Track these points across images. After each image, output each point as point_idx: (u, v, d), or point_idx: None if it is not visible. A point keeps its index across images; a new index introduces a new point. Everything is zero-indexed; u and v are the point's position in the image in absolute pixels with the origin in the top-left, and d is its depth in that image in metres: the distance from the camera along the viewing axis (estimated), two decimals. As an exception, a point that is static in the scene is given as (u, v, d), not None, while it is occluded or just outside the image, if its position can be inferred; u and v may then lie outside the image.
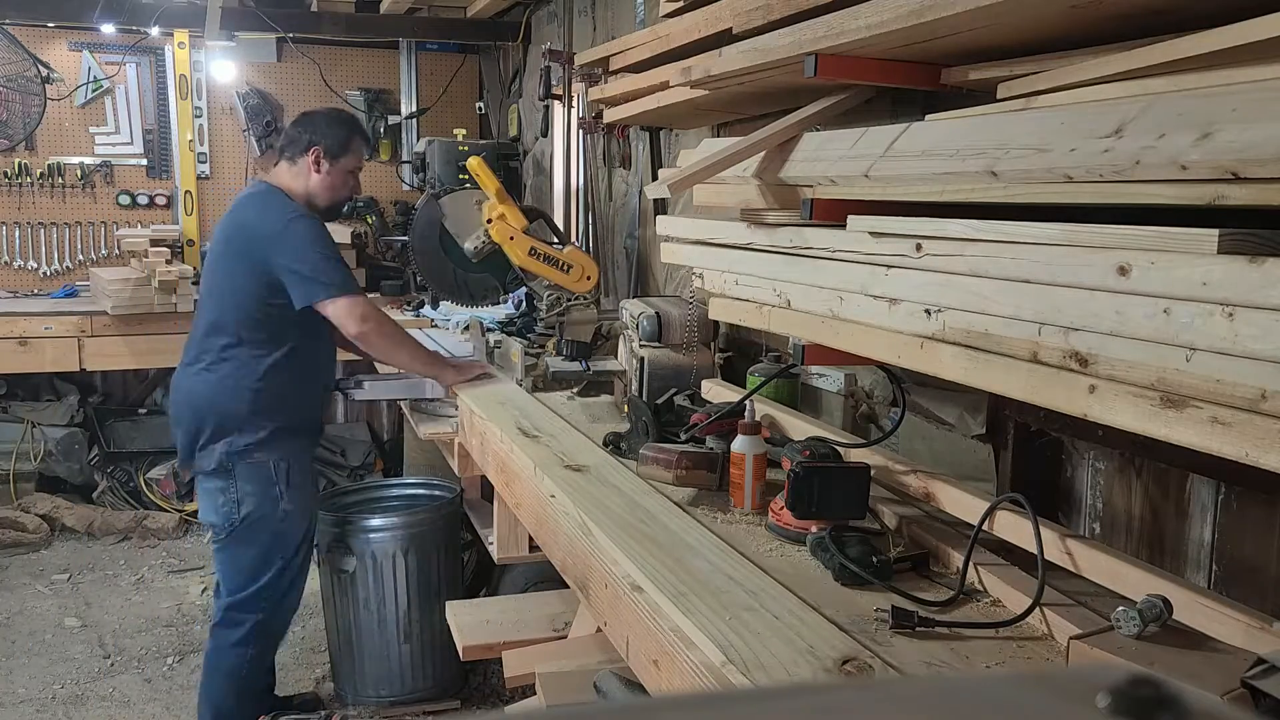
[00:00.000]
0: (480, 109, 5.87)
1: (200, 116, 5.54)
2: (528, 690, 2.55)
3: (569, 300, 3.05)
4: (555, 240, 3.14)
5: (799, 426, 2.21)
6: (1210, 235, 1.01)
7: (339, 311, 2.81)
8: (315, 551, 3.26)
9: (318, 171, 2.93)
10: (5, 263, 5.36)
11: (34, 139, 5.32)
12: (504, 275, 3.30)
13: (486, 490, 3.33)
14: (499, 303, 3.66)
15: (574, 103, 3.98)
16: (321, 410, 3.12)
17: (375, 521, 3.39)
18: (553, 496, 2.03)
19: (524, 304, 3.97)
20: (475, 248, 3.12)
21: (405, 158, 5.49)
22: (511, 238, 2.98)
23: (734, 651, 1.31)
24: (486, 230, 3.04)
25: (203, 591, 4.40)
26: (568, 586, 1.95)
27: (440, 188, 3.70)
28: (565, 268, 3.01)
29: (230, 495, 2.87)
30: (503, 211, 2.99)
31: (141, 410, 5.57)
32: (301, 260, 2.79)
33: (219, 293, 2.91)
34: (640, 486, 2.02)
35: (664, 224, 2.30)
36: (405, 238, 3.46)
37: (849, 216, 1.57)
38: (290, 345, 2.88)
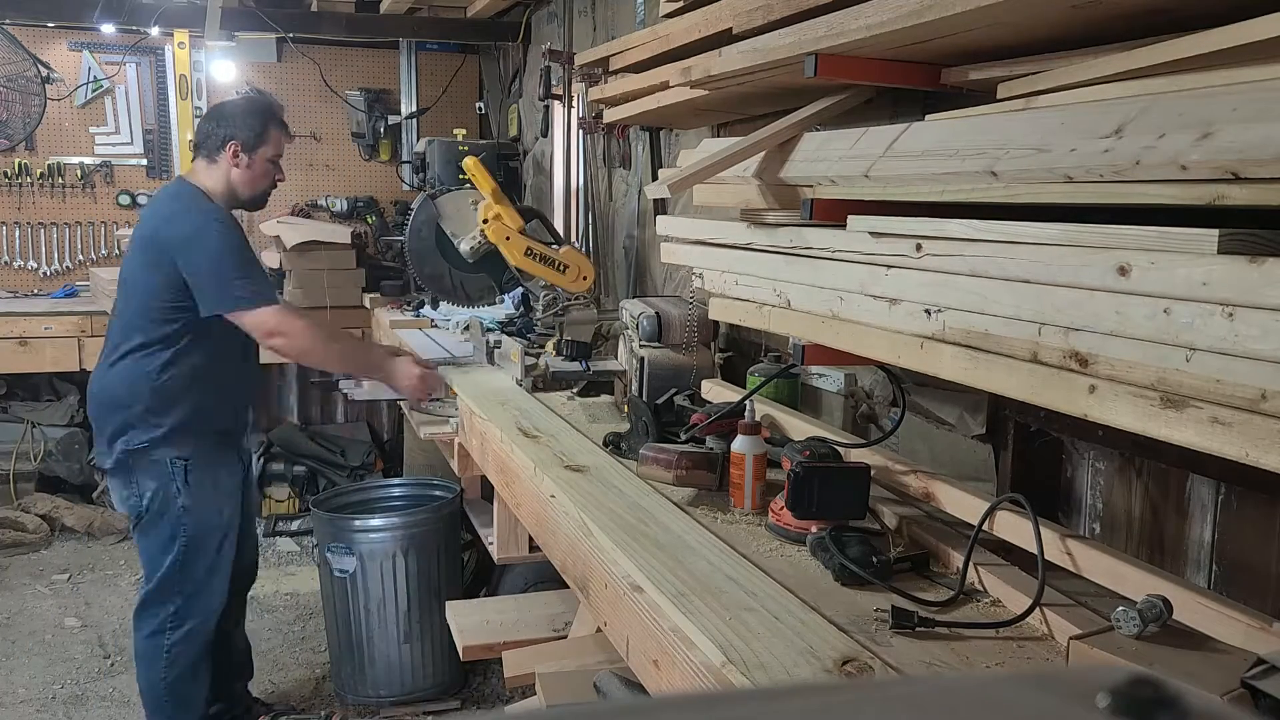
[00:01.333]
0: (480, 109, 5.88)
1: (200, 116, 5.54)
2: (528, 690, 2.55)
3: (566, 300, 3.05)
4: (551, 240, 3.14)
5: (799, 426, 2.21)
6: (1210, 235, 1.01)
7: (249, 325, 2.80)
8: (317, 549, 3.27)
9: (237, 166, 2.91)
10: (5, 263, 5.36)
11: (34, 139, 5.32)
12: (500, 275, 3.30)
13: (486, 490, 3.33)
14: (495, 303, 3.65)
15: (574, 103, 3.98)
16: (236, 412, 3.08)
17: (375, 521, 3.39)
18: (553, 497, 2.03)
19: (522, 304, 3.97)
20: (471, 248, 3.12)
21: (405, 158, 5.49)
22: (508, 238, 2.98)
23: (734, 651, 1.31)
24: (483, 230, 3.04)
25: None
26: (568, 586, 1.95)
27: (437, 188, 3.70)
28: (561, 268, 3.01)
29: (132, 489, 2.92)
30: (499, 211, 2.99)
31: (141, 410, 5.57)
32: (211, 268, 2.77)
33: (129, 291, 2.92)
34: (640, 487, 2.02)
35: (664, 224, 2.30)
36: (402, 238, 3.46)
37: (849, 216, 1.57)
38: (191, 344, 2.86)
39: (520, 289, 3.55)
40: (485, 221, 3.02)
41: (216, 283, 2.77)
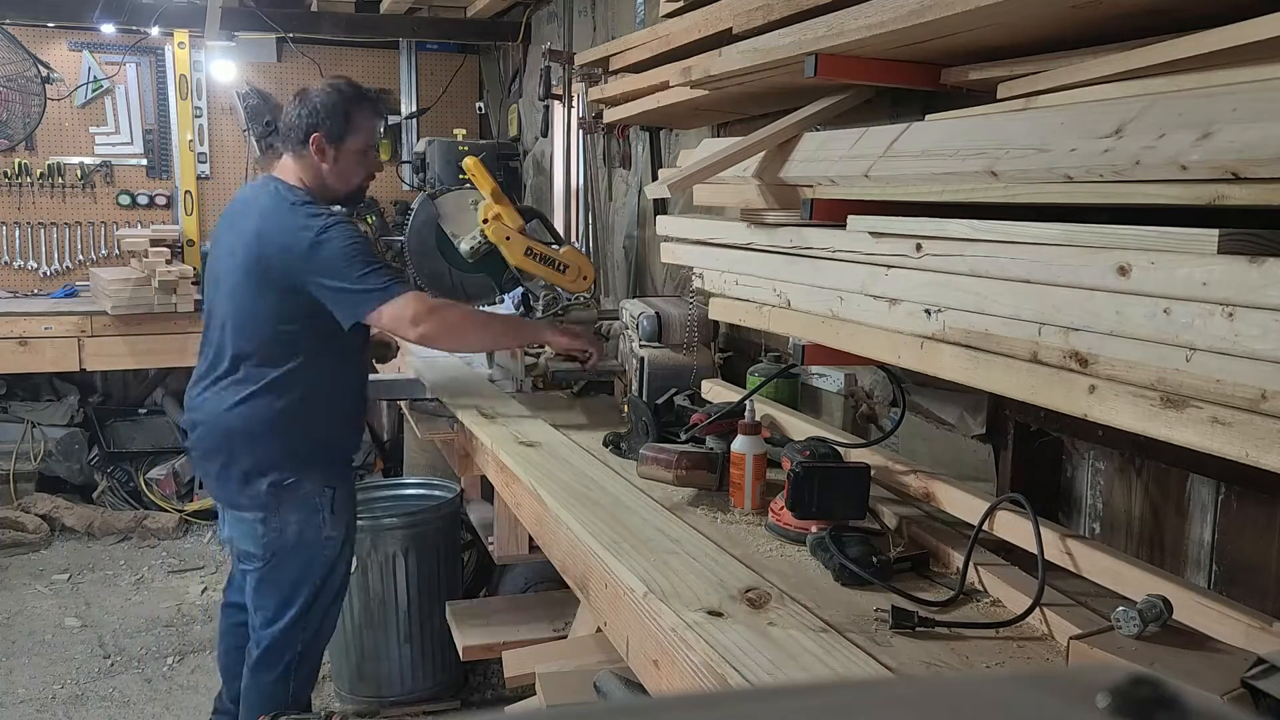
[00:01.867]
0: (480, 109, 5.87)
1: (200, 116, 5.54)
2: (528, 690, 2.55)
3: (566, 300, 3.05)
4: (551, 240, 3.14)
5: (799, 426, 2.21)
6: (1210, 235, 1.01)
7: (391, 319, 2.48)
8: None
9: (324, 161, 2.60)
10: (5, 263, 5.36)
11: (34, 139, 5.32)
12: (500, 275, 3.30)
13: (486, 490, 3.34)
14: (495, 303, 3.65)
15: (574, 103, 3.98)
16: (360, 430, 2.88)
17: (375, 521, 3.39)
18: (507, 469, 2.15)
19: (522, 304, 3.97)
20: (471, 248, 3.11)
21: (405, 158, 5.49)
22: (508, 238, 2.98)
23: (654, 584, 1.53)
24: (483, 230, 3.04)
25: (203, 591, 4.40)
26: (568, 586, 1.95)
27: (437, 188, 3.70)
28: (561, 268, 3.01)
29: (273, 525, 2.61)
30: (499, 211, 2.98)
31: (141, 410, 5.57)
32: (342, 273, 2.45)
33: (240, 311, 2.57)
34: (588, 460, 2.25)
35: (664, 224, 2.30)
36: (402, 238, 3.46)
37: (849, 216, 1.57)
38: (324, 366, 2.60)
39: (520, 289, 3.55)
40: (485, 221, 3.02)
41: (350, 288, 2.46)
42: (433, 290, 3.45)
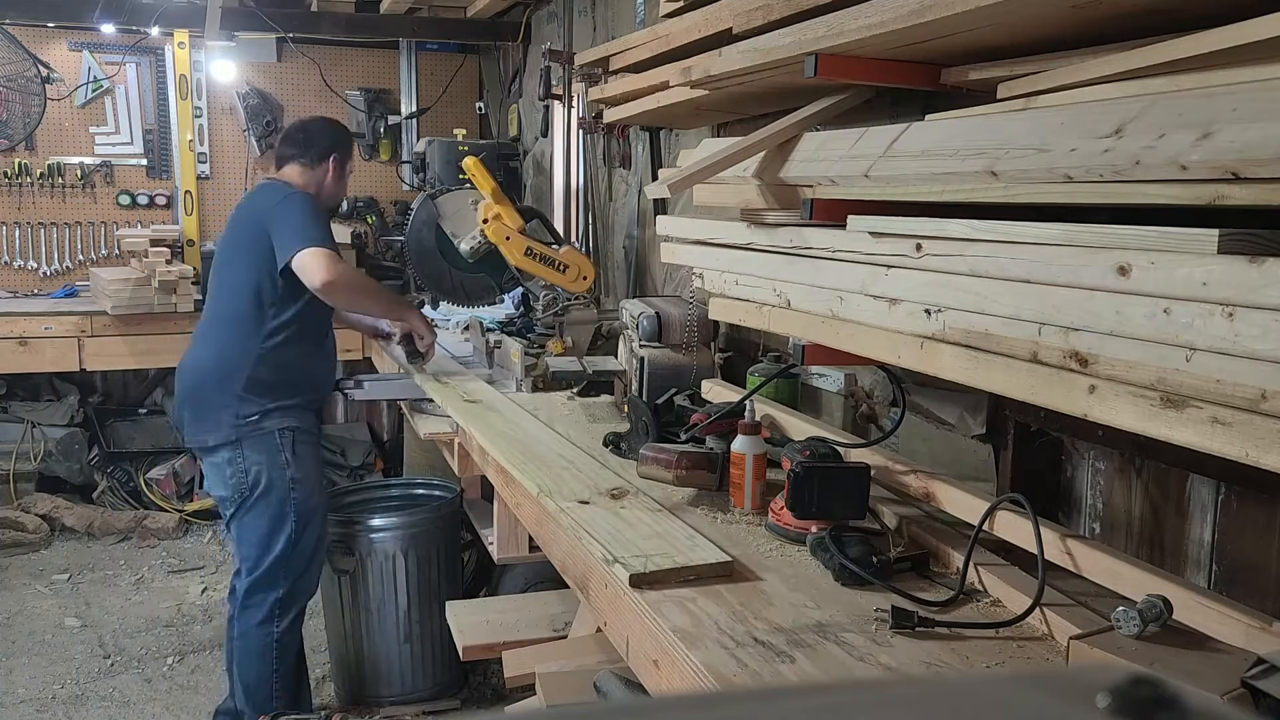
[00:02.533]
0: (480, 109, 5.87)
1: (200, 116, 5.54)
2: (528, 690, 2.55)
3: (566, 300, 3.05)
4: (551, 240, 3.14)
5: (799, 426, 2.21)
6: (1210, 235, 1.01)
7: (305, 263, 2.85)
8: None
9: (332, 176, 3.12)
10: (5, 263, 5.36)
11: (34, 139, 5.32)
12: (500, 275, 3.30)
13: (486, 490, 3.33)
14: (495, 303, 3.65)
15: (574, 103, 3.98)
16: (329, 377, 3.20)
17: (375, 521, 3.39)
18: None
19: (522, 304, 3.97)
20: (471, 248, 3.11)
21: (405, 158, 5.49)
22: (508, 238, 2.98)
23: (544, 485, 2.03)
24: (483, 230, 3.03)
25: (203, 591, 4.40)
26: (568, 586, 1.95)
27: (437, 188, 3.70)
28: (561, 268, 3.00)
29: (238, 465, 2.93)
30: (499, 211, 2.98)
31: (141, 410, 5.57)
32: (287, 222, 2.91)
33: (224, 275, 3.05)
34: (516, 411, 2.73)
35: (664, 224, 2.30)
36: (402, 238, 3.46)
37: (849, 216, 1.57)
38: (292, 316, 2.96)
39: (520, 289, 3.54)
40: (485, 221, 3.02)
41: (289, 231, 2.89)
42: (434, 290, 3.46)
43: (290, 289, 2.94)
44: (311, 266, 2.85)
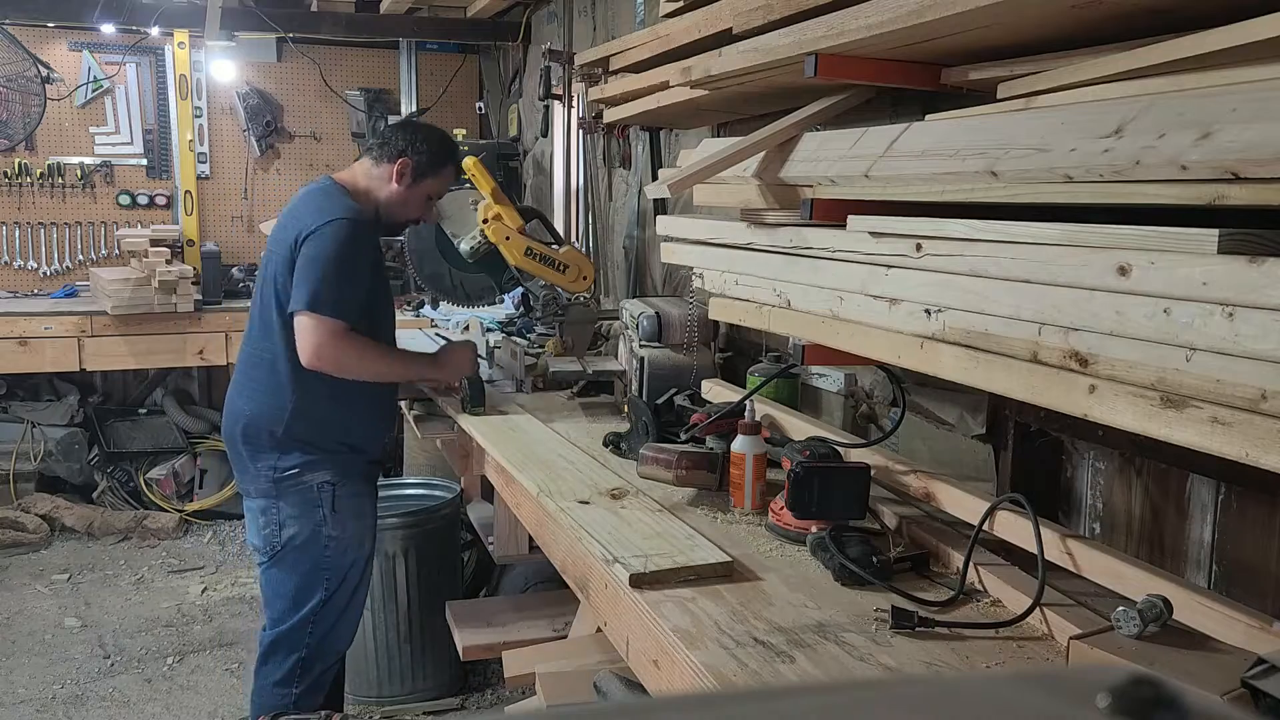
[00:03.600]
0: (480, 109, 5.87)
1: (200, 116, 5.54)
2: (528, 690, 2.55)
3: (566, 300, 3.05)
4: (551, 240, 3.13)
5: (799, 426, 2.21)
6: (1210, 235, 1.01)
7: (300, 328, 2.51)
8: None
9: (398, 184, 2.72)
10: (5, 263, 5.36)
11: (34, 139, 5.32)
12: (500, 275, 3.30)
13: (486, 490, 3.33)
14: (495, 303, 3.65)
15: (574, 103, 3.98)
16: (380, 433, 2.85)
17: (376, 521, 3.39)
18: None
19: (522, 304, 3.97)
20: (471, 248, 3.11)
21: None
22: (508, 238, 2.97)
23: (545, 487, 2.06)
24: (483, 230, 3.03)
25: (203, 591, 4.40)
26: (568, 586, 1.95)
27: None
28: (562, 268, 3.00)
29: (272, 517, 2.65)
30: (499, 211, 2.98)
31: (141, 410, 5.57)
32: (306, 262, 2.52)
33: (265, 305, 2.66)
34: (525, 417, 2.72)
35: (664, 224, 2.30)
36: (402, 238, 3.46)
37: (849, 216, 1.57)
38: None
39: (520, 289, 3.54)
40: (485, 221, 3.02)
41: (303, 276, 2.51)
42: (433, 290, 3.45)
43: None
44: (304, 334, 2.50)
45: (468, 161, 3.06)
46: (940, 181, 1.40)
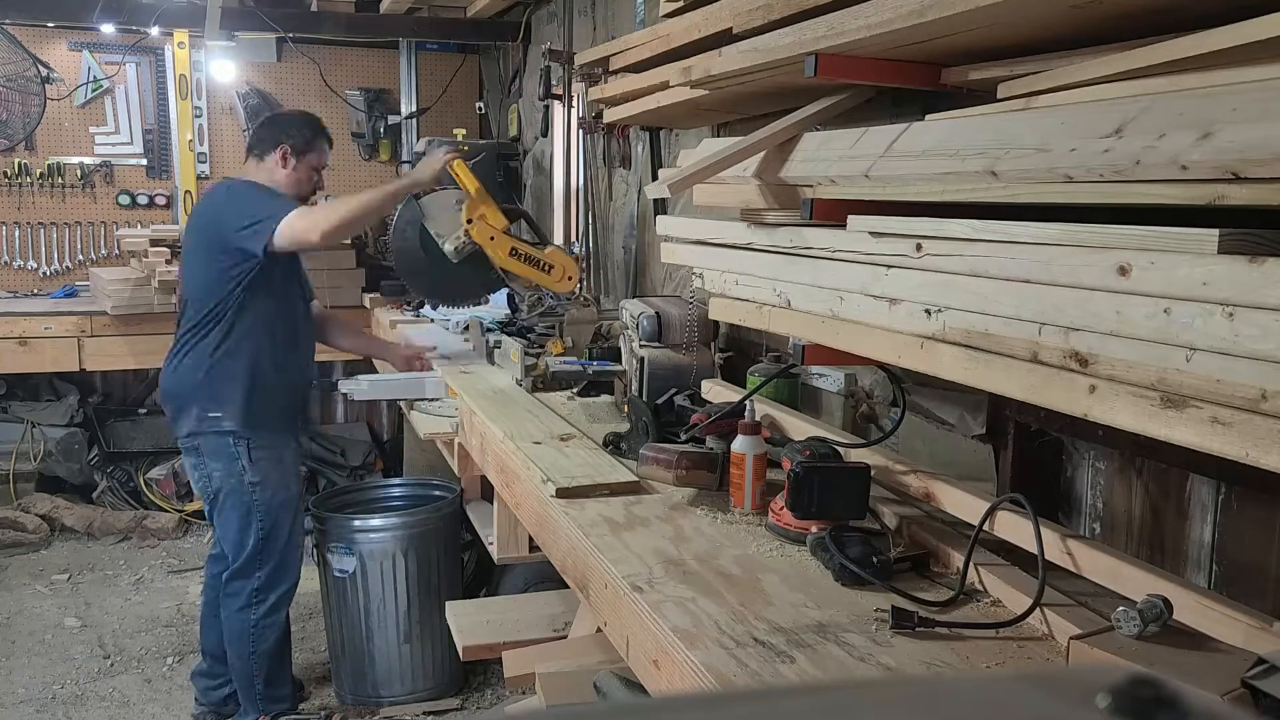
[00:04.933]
0: (480, 109, 5.87)
1: (200, 116, 5.54)
2: (528, 690, 2.55)
3: (551, 300, 3.05)
4: (536, 240, 3.13)
5: (799, 426, 2.21)
6: (1210, 235, 1.01)
7: (285, 235, 2.87)
8: (317, 549, 3.46)
9: (284, 167, 3.11)
10: (5, 263, 5.36)
11: (34, 139, 5.32)
12: (485, 276, 3.29)
13: (486, 490, 3.33)
14: (480, 303, 3.64)
15: (574, 103, 3.98)
16: (291, 394, 3.22)
17: (375, 521, 3.39)
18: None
19: (508, 305, 3.96)
20: (456, 248, 3.10)
21: (405, 158, 5.49)
22: (492, 238, 2.97)
23: (510, 431, 2.41)
24: (467, 230, 3.02)
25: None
26: (568, 586, 1.95)
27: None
28: (546, 268, 3.00)
29: (202, 470, 3.10)
30: (483, 211, 2.98)
31: (141, 410, 5.57)
32: (251, 210, 2.94)
33: (188, 280, 3.14)
34: (531, 402, 2.80)
35: (664, 224, 2.30)
36: (386, 237, 3.45)
37: (849, 216, 1.57)
38: (242, 323, 3.02)
39: (505, 289, 3.53)
40: (469, 222, 3.01)
41: (251, 219, 2.91)
42: (418, 290, 3.49)
43: (237, 291, 2.98)
44: (284, 232, 2.87)
45: (452, 161, 3.05)
46: (940, 181, 1.40)
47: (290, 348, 3.17)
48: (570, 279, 3.03)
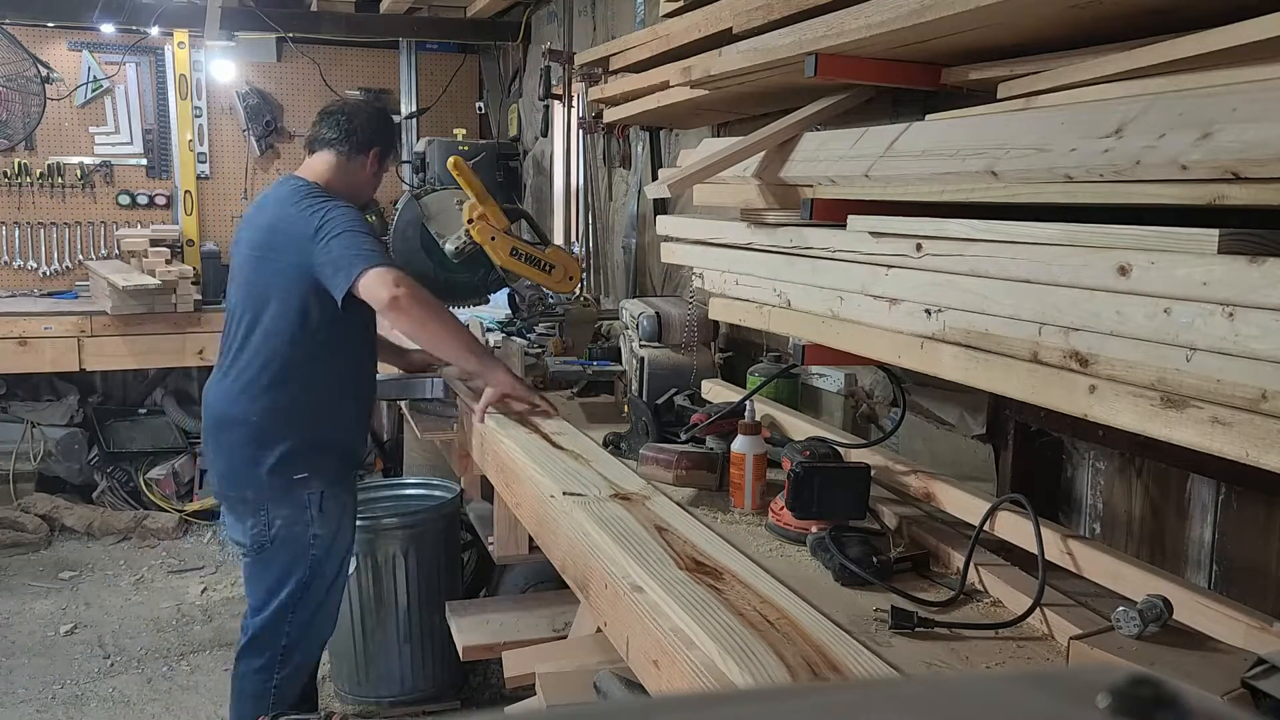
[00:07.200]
0: (480, 109, 5.87)
1: (200, 116, 5.54)
2: (528, 690, 2.55)
3: (551, 300, 3.05)
4: (537, 240, 3.13)
5: (799, 426, 2.21)
6: (1210, 235, 1.01)
7: (370, 284, 2.50)
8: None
9: (370, 172, 2.82)
10: (5, 263, 5.36)
11: (34, 139, 5.32)
12: (487, 276, 3.29)
13: (486, 490, 3.33)
14: (481, 303, 3.64)
15: (574, 103, 3.98)
16: (361, 438, 2.92)
17: (375, 521, 3.39)
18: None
19: (509, 305, 3.96)
20: (457, 248, 3.10)
21: (405, 158, 5.49)
22: (493, 238, 2.97)
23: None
24: (468, 230, 3.02)
25: (203, 592, 4.40)
26: (568, 586, 1.95)
27: (423, 187, 3.68)
28: (547, 268, 3.00)
29: (260, 518, 2.70)
30: (484, 211, 2.97)
31: (141, 410, 5.57)
32: (339, 245, 2.55)
33: (255, 306, 2.68)
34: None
35: (664, 224, 2.30)
36: (387, 237, 3.45)
37: (849, 216, 1.57)
38: (329, 366, 2.69)
39: (506, 289, 3.53)
40: (470, 221, 3.01)
41: (340, 256, 2.53)
42: None
43: (323, 327, 2.63)
44: (376, 287, 2.50)
45: (451, 161, 3.05)
46: (940, 181, 1.40)
47: (365, 380, 2.84)
48: (572, 279, 3.02)
